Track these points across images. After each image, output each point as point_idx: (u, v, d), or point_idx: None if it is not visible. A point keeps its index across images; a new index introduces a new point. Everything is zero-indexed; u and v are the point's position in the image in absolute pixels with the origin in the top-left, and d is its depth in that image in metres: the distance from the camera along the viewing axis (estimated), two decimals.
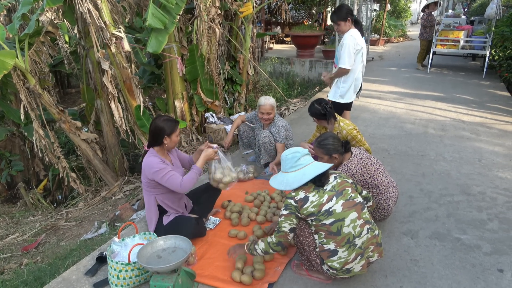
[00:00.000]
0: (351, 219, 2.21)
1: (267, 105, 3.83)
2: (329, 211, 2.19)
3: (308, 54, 11.27)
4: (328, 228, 2.20)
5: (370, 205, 2.56)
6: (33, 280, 2.93)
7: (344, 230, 2.19)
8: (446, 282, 2.47)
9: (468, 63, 10.32)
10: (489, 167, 4.11)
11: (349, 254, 2.20)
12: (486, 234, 2.95)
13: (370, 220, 2.30)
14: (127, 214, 3.80)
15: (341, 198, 2.23)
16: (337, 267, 2.22)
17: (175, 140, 2.81)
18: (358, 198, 2.31)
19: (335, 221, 2.19)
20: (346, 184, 2.32)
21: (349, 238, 2.19)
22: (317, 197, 2.22)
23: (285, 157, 2.35)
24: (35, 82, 4.81)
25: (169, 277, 2.17)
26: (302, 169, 2.29)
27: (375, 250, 2.29)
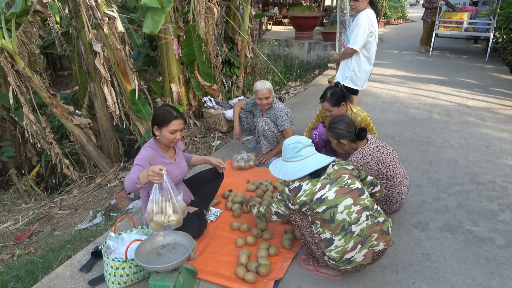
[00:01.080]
0: (345, 205, 2.10)
1: (263, 89, 3.65)
2: (321, 199, 2.11)
3: (306, 36, 11.00)
4: (322, 216, 2.12)
5: (378, 190, 2.41)
6: (25, 275, 2.79)
7: (337, 217, 2.09)
8: (460, 277, 2.35)
9: (470, 45, 10.11)
10: (498, 154, 3.98)
11: (346, 242, 2.08)
12: (499, 226, 2.84)
13: (370, 207, 2.16)
14: (123, 203, 3.65)
15: (335, 185, 2.14)
16: (336, 257, 2.12)
17: (166, 137, 2.46)
18: (356, 185, 2.18)
19: (328, 208, 2.10)
20: (343, 171, 2.21)
21: (344, 225, 2.08)
22: (310, 186, 2.15)
23: (286, 145, 2.29)
24: (24, 65, 4.58)
25: (170, 276, 2.03)
26: (302, 160, 2.22)
27: (380, 239, 2.13)
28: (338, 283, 2.31)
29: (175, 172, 2.65)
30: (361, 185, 2.22)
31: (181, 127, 2.49)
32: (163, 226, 2.10)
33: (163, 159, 2.58)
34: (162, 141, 2.51)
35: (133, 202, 3.59)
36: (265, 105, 3.74)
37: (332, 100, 3.27)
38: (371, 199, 2.21)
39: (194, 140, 5.21)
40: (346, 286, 2.28)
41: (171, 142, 2.50)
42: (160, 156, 2.56)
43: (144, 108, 4.69)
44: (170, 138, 2.47)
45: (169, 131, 2.44)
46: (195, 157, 3.08)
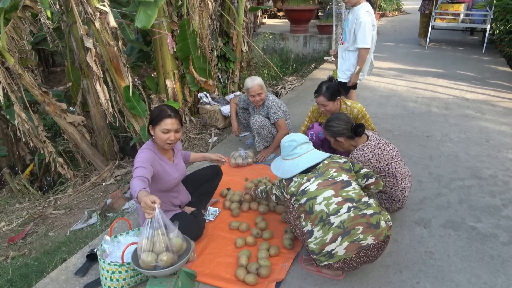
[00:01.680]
0: (324, 196, 2.12)
1: (254, 86, 3.57)
2: (304, 191, 2.19)
3: (302, 29, 10.89)
4: (303, 207, 2.17)
5: (372, 182, 2.32)
6: (19, 279, 2.71)
7: (315, 208, 2.11)
8: (464, 276, 2.31)
9: (466, 37, 10.06)
10: (498, 148, 3.94)
11: (324, 233, 2.06)
12: (502, 222, 2.79)
13: (355, 199, 2.10)
14: (118, 203, 3.57)
15: (319, 178, 2.20)
16: (315, 249, 2.09)
17: (160, 137, 2.35)
18: (341, 177, 2.19)
19: (308, 199, 2.16)
20: (332, 165, 2.26)
21: (322, 216, 2.08)
22: (299, 178, 2.26)
23: (283, 144, 2.41)
24: (15, 62, 4.46)
25: (168, 280, 1.97)
26: (297, 158, 2.32)
27: (367, 232, 2.03)
28: (341, 283, 2.25)
29: (173, 175, 2.57)
30: (348, 178, 2.21)
31: (174, 128, 2.37)
32: (151, 266, 1.89)
33: (161, 161, 2.49)
34: (157, 141, 2.42)
35: (129, 201, 3.51)
36: (259, 102, 3.66)
37: (328, 94, 3.20)
38: (359, 192, 2.16)
39: (190, 137, 5.12)
40: (349, 286, 2.23)
41: (165, 143, 2.39)
42: (159, 158, 2.47)
43: (139, 104, 4.59)
44: (163, 138, 2.36)
45: (161, 130, 2.34)
46: (193, 155, 3.00)
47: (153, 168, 2.34)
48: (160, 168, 2.46)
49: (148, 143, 2.48)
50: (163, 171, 2.48)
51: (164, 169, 2.49)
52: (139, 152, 2.39)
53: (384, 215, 2.15)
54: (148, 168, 2.23)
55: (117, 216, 3.41)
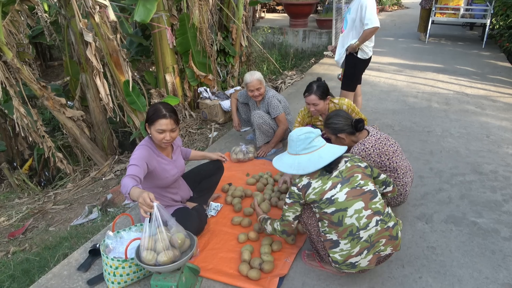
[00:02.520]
0: (355, 209, 1.98)
1: (253, 81, 3.55)
2: (331, 200, 1.99)
3: (301, 24, 10.84)
4: (330, 218, 2.00)
5: (390, 190, 2.33)
6: (21, 275, 2.71)
7: (346, 221, 1.97)
8: (466, 271, 2.32)
9: (465, 32, 10.04)
10: (498, 144, 3.95)
11: (352, 247, 1.99)
12: (503, 217, 2.80)
13: (381, 211, 2.05)
14: (119, 198, 3.56)
15: (346, 185, 2.01)
16: (339, 260, 2.04)
17: (155, 136, 2.34)
18: (369, 186, 2.06)
19: (336, 210, 1.98)
20: (356, 169, 2.09)
21: (352, 230, 1.98)
22: (320, 184, 2.02)
23: (296, 137, 2.11)
24: (13, 56, 4.42)
25: (172, 276, 1.97)
26: (316, 151, 2.07)
27: (387, 244, 2.05)
28: (344, 279, 2.26)
29: (171, 171, 2.55)
30: (374, 187, 2.11)
31: (169, 128, 2.33)
32: (152, 264, 1.88)
33: (159, 157, 2.47)
34: (153, 138, 2.40)
35: None
36: (258, 97, 3.64)
37: (319, 92, 3.15)
38: (383, 202, 2.09)
39: (190, 132, 5.11)
40: (352, 282, 2.24)
41: (161, 142, 2.37)
42: (156, 155, 2.45)
43: (139, 99, 4.57)
44: (158, 138, 2.34)
45: (156, 130, 2.32)
46: (194, 153, 2.99)
47: (149, 165, 2.34)
48: (157, 165, 2.44)
49: (146, 139, 2.47)
50: (160, 168, 2.47)
51: (161, 166, 2.47)
52: (135, 149, 2.38)
53: (400, 224, 2.15)
54: (141, 166, 2.22)
55: (118, 211, 3.40)
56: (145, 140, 2.47)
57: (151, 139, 2.47)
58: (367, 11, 3.56)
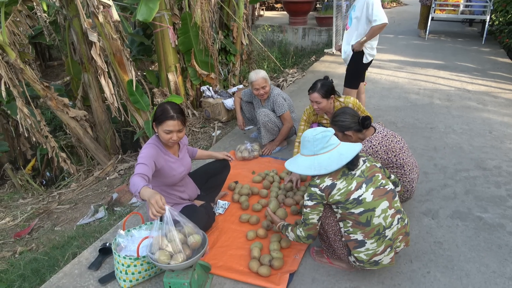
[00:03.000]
0: (382, 209, 2.01)
1: (259, 79, 3.56)
2: (359, 200, 1.98)
3: (301, 21, 10.85)
4: (357, 218, 2.01)
5: (398, 190, 2.38)
6: (31, 274, 2.73)
7: (374, 221, 1.99)
8: (474, 265, 2.35)
9: (465, 29, 10.07)
10: (501, 139, 3.98)
11: (378, 246, 2.03)
12: (508, 212, 2.83)
13: (401, 209, 2.13)
14: (126, 197, 3.58)
15: (371, 185, 2.03)
16: (364, 259, 2.06)
17: (163, 136, 2.38)
18: (389, 185, 2.11)
19: (365, 211, 1.99)
20: (375, 169, 2.12)
21: (379, 230, 2.01)
22: (345, 184, 2.00)
23: (313, 137, 2.06)
24: (16, 56, 4.43)
25: (184, 273, 1.99)
26: (335, 149, 2.05)
27: (402, 240, 2.14)
28: (353, 274, 2.29)
29: (178, 169, 2.58)
30: (393, 186, 2.15)
31: (176, 129, 2.36)
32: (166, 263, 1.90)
33: (167, 156, 2.51)
34: (160, 137, 2.43)
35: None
36: (263, 95, 3.66)
37: (322, 91, 3.15)
38: (398, 200, 2.17)
39: (194, 131, 5.12)
40: (361, 277, 2.26)
41: (168, 142, 2.40)
42: (163, 153, 2.49)
43: (142, 98, 4.58)
44: (165, 138, 2.38)
45: (163, 131, 2.35)
46: (200, 152, 3.02)
47: (157, 164, 2.36)
48: (164, 163, 2.47)
49: (153, 138, 2.50)
50: (168, 166, 2.50)
51: (168, 164, 2.50)
52: (143, 148, 2.40)
53: (408, 222, 2.21)
54: (149, 165, 2.24)
55: (125, 210, 3.42)
56: (153, 138, 2.49)
57: (158, 137, 2.49)
58: (374, 8, 3.58)
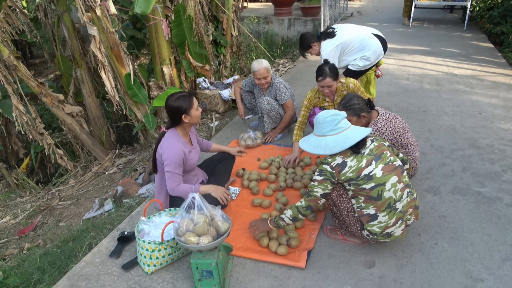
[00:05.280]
0: (391, 183, 2.15)
1: (261, 69, 3.64)
2: (369, 176, 2.12)
3: (286, 12, 10.89)
4: (368, 193, 2.14)
5: (407, 168, 2.51)
6: (48, 267, 2.76)
7: (385, 195, 2.13)
8: (477, 235, 2.50)
9: (446, 15, 10.32)
10: (491, 120, 4.17)
11: (389, 218, 2.16)
12: (504, 186, 3.01)
13: (409, 184, 2.27)
14: (133, 189, 3.61)
15: (380, 162, 2.16)
16: (377, 232, 2.19)
17: (196, 115, 2.62)
18: (397, 161, 2.25)
19: (376, 185, 2.12)
20: (383, 147, 2.25)
21: (390, 203, 2.14)
22: (356, 162, 2.13)
23: (323, 119, 2.18)
24: (9, 53, 4.38)
25: (210, 254, 2.07)
26: (343, 132, 2.15)
27: (412, 213, 2.29)
28: (367, 249, 2.41)
29: (194, 157, 2.74)
30: (400, 162, 2.29)
31: (197, 102, 2.65)
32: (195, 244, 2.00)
33: (185, 146, 2.66)
34: (192, 122, 2.62)
35: (145, 186, 3.56)
36: (264, 84, 3.73)
37: (332, 74, 3.28)
38: (407, 175, 2.31)
39: None
40: (375, 250, 2.39)
41: (199, 118, 2.65)
42: (184, 145, 2.63)
43: (140, 92, 4.59)
44: (199, 114, 2.64)
45: (195, 109, 2.60)
46: (215, 145, 3.18)
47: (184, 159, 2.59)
48: (187, 153, 2.65)
49: (173, 133, 2.62)
50: (187, 155, 2.65)
51: (187, 154, 2.65)
52: (171, 148, 2.53)
53: (417, 196, 2.36)
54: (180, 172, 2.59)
55: (133, 201, 3.46)
56: (174, 134, 2.62)
57: (177, 129, 2.65)
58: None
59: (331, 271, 2.27)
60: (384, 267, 2.28)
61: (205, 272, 2.07)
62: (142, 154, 5.12)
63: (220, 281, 2.11)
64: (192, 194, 2.06)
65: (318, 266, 2.31)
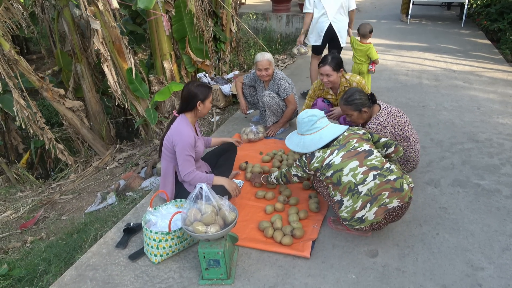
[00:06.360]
0: (350, 167, 2.24)
1: (263, 60, 3.67)
2: (329, 164, 2.28)
3: (284, 8, 10.90)
4: (331, 180, 2.28)
5: (392, 151, 2.47)
6: (54, 258, 2.78)
7: (343, 179, 2.24)
8: (477, 226, 2.56)
9: (444, 12, 10.38)
10: (489, 114, 4.22)
11: (354, 202, 2.21)
12: (503, 179, 3.06)
13: (379, 166, 2.24)
14: (136, 182, 3.64)
15: (342, 150, 2.30)
16: (347, 217, 2.26)
17: (208, 107, 2.74)
18: (363, 147, 2.30)
19: (334, 172, 2.26)
20: (352, 136, 2.36)
21: (350, 186, 2.22)
22: (321, 153, 2.33)
23: (301, 120, 2.43)
24: (10, 47, 4.38)
25: (217, 243, 2.10)
26: (318, 131, 2.38)
27: (392, 196, 2.19)
28: (369, 239, 2.46)
29: (201, 146, 2.80)
30: (370, 147, 2.32)
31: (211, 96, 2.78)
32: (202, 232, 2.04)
33: (195, 134, 2.73)
34: (203, 112, 2.71)
35: (149, 179, 3.58)
36: (265, 77, 3.76)
37: (333, 64, 3.30)
38: (381, 159, 2.29)
39: None
40: (377, 240, 2.44)
41: (208, 111, 2.78)
42: (193, 132, 2.69)
43: (141, 86, 4.61)
44: (210, 107, 2.76)
45: (210, 101, 2.75)
46: (214, 140, 3.26)
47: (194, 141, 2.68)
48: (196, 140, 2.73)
49: (184, 119, 2.69)
50: (196, 142, 2.73)
51: (196, 142, 2.73)
52: (182, 132, 2.60)
53: (406, 178, 2.31)
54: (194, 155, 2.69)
55: (137, 194, 3.48)
56: (184, 120, 2.69)
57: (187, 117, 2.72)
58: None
59: (335, 261, 2.31)
60: (387, 256, 2.32)
61: (212, 261, 2.11)
62: (143, 148, 5.13)
63: (227, 270, 2.15)
64: (200, 184, 2.09)
65: (322, 255, 2.35)
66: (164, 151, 2.74)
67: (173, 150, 2.65)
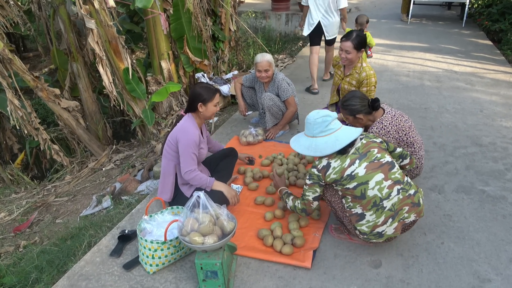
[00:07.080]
0: (376, 181, 2.09)
1: (263, 61, 3.59)
2: (351, 175, 2.09)
3: (283, 7, 10.80)
4: (353, 193, 2.11)
5: (407, 162, 2.44)
6: (46, 265, 2.69)
7: (368, 193, 2.09)
8: (483, 234, 2.48)
9: (444, 12, 10.30)
10: (492, 117, 4.15)
11: (377, 217, 2.11)
12: (508, 185, 2.99)
13: (401, 180, 2.16)
14: (132, 186, 3.55)
15: (364, 160, 2.11)
16: (366, 231, 2.16)
17: (211, 110, 2.67)
18: (386, 158, 2.17)
19: (358, 184, 2.09)
20: (372, 144, 2.19)
21: (376, 201, 2.09)
22: (339, 163, 2.12)
23: (313, 120, 2.17)
24: (4, 46, 4.28)
25: (215, 254, 2.02)
26: (333, 133, 2.15)
27: (411, 211, 2.17)
28: (373, 248, 2.38)
29: (204, 150, 2.76)
30: (391, 158, 2.21)
31: (218, 100, 2.69)
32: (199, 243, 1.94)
33: (201, 135, 2.71)
34: (206, 115, 2.66)
35: (145, 183, 3.50)
36: (264, 78, 3.67)
37: (356, 41, 3.23)
38: (401, 172, 2.21)
39: None
40: (381, 250, 2.36)
41: (213, 114, 2.71)
42: (199, 132, 2.67)
43: (138, 87, 4.52)
44: (214, 111, 2.68)
45: (213, 104, 2.65)
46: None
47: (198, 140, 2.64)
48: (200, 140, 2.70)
49: (191, 118, 2.67)
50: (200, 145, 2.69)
51: (200, 143, 2.69)
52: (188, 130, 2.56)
53: (420, 192, 2.26)
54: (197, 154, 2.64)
55: (132, 198, 3.40)
56: (191, 120, 2.65)
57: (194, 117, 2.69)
58: None
59: (337, 271, 2.23)
60: (390, 267, 2.25)
61: (209, 272, 2.03)
62: (140, 150, 5.04)
63: (225, 281, 2.07)
64: (197, 192, 2.00)
65: (324, 266, 2.27)
66: (166, 148, 2.68)
67: (175, 147, 2.59)
